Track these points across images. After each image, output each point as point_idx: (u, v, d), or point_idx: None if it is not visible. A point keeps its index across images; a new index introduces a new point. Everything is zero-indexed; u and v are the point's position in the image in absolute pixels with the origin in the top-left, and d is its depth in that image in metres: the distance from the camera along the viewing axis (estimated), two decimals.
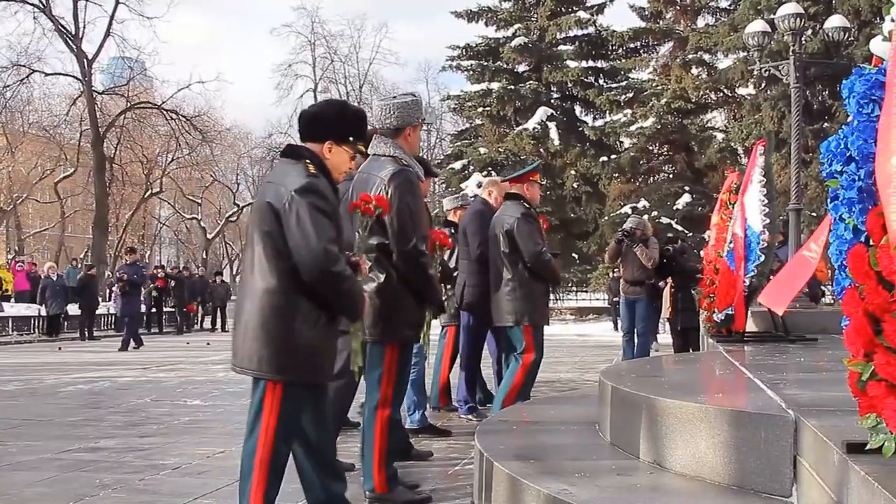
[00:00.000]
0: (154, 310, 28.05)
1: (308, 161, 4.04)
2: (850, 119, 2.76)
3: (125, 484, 5.76)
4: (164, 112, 43.51)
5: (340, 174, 4.25)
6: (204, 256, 58.37)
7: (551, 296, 7.96)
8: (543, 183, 30.54)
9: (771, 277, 7.95)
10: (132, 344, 19.30)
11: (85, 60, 39.44)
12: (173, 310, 28.49)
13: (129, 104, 42.31)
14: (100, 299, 26.66)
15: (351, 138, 4.19)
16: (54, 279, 24.44)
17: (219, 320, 29.29)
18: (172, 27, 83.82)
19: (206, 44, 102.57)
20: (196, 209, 59.28)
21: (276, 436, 3.96)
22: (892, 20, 2.54)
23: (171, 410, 9.32)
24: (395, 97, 5.36)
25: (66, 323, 25.04)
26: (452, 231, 8.54)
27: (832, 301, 12.96)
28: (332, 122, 4.20)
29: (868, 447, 2.54)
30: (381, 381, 5.01)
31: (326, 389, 4.22)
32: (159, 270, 29.99)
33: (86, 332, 23.73)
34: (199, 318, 30.33)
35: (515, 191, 7.52)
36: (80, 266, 27.33)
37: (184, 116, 43.73)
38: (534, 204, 7.50)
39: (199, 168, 52.23)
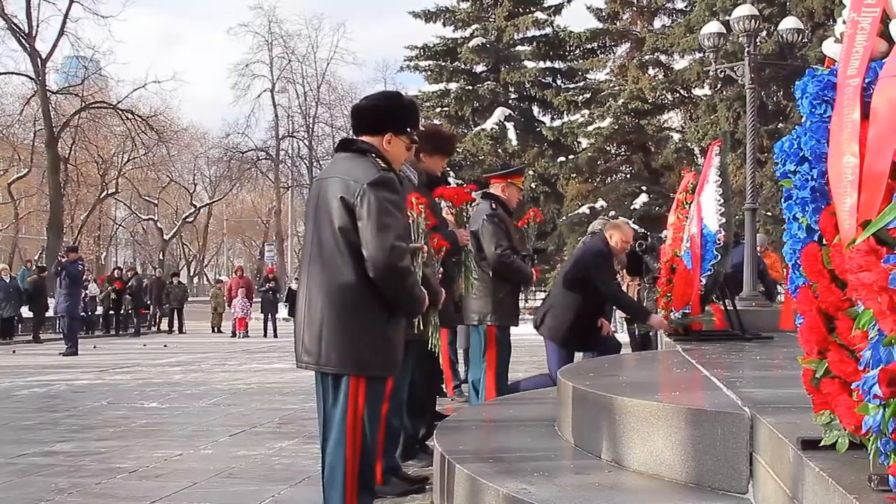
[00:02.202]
0: (111, 312, 27.74)
1: (375, 155, 4.10)
2: (803, 120, 2.79)
3: (81, 488, 5.70)
4: (120, 112, 43.13)
5: (398, 165, 4.33)
6: (161, 257, 57.88)
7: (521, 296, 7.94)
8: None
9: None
10: (68, 349, 18.20)
11: (38, 59, 38.99)
12: (130, 312, 28.14)
13: (83, 104, 41.89)
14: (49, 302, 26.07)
15: (408, 129, 4.28)
16: (7, 281, 24.05)
17: (176, 322, 29.00)
18: (128, 26, 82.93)
19: (161, 43, 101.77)
20: (152, 210, 58.82)
21: (365, 431, 3.98)
22: (844, 22, 2.57)
23: (128, 413, 9.24)
24: None
25: (20, 326, 24.68)
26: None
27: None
28: (392, 114, 4.26)
29: (822, 444, 2.56)
30: None
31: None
32: (117, 271, 29.66)
33: (40, 336, 23.38)
34: (157, 320, 30.01)
35: (493, 190, 7.54)
36: (33, 268, 26.87)
37: (139, 116, 43.39)
38: (509, 205, 7.49)
39: (155, 168, 51.87)
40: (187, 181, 60.54)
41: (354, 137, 4.28)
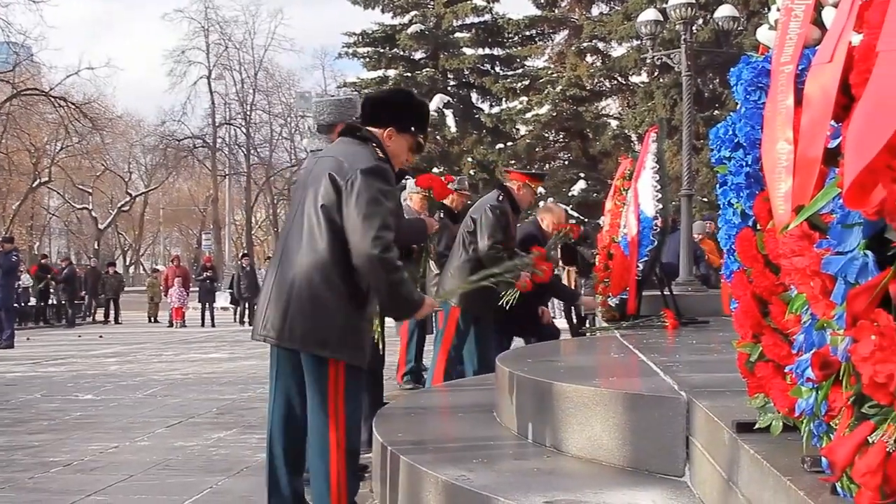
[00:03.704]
0: (42, 303, 27.23)
1: (375, 145, 4.04)
2: (738, 106, 2.82)
3: (14, 483, 5.60)
4: (53, 99, 42.30)
5: (398, 163, 4.22)
6: (96, 247, 56.98)
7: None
8: (441, 170, 30.66)
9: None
10: (3, 341, 17.69)
11: None
12: (63, 303, 27.62)
13: (14, 91, 41.00)
14: None
15: (413, 129, 4.20)
16: None
17: (112, 312, 28.60)
18: (60, 11, 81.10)
19: (95, 29, 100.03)
20: (87, 199, 57.80)
21: (347, 419, 3.92)
22: (779, 9, 2.59)
23: (62, 406, 9.08)
24: (332, 95, 5.43)
25: None
26: (442, 216, 8.44)
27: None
28: (398, 110, 4.22)
29: (757, 426, 2.59)
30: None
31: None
32: (43, 259, 29.09)
33: None
34: (92, 310, 29.55)
35: (509, 184, 7.61)
36: None
37: (73, 104, 42.58)
38: (520, 204, 7.53)
39: (89, 157, 50.95)
40: (122, 170, 59.61)
41: (360, 126, 4.21)
